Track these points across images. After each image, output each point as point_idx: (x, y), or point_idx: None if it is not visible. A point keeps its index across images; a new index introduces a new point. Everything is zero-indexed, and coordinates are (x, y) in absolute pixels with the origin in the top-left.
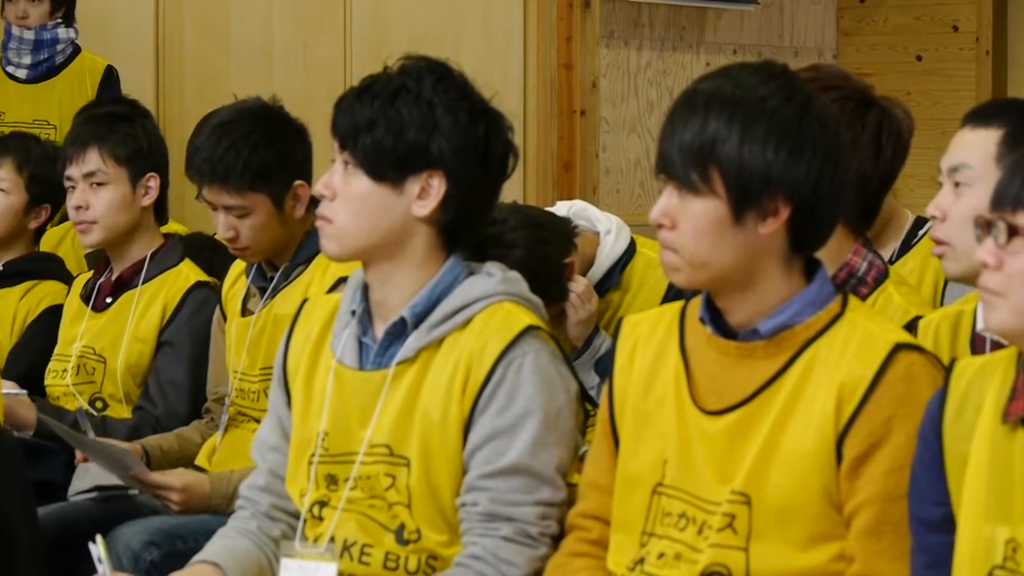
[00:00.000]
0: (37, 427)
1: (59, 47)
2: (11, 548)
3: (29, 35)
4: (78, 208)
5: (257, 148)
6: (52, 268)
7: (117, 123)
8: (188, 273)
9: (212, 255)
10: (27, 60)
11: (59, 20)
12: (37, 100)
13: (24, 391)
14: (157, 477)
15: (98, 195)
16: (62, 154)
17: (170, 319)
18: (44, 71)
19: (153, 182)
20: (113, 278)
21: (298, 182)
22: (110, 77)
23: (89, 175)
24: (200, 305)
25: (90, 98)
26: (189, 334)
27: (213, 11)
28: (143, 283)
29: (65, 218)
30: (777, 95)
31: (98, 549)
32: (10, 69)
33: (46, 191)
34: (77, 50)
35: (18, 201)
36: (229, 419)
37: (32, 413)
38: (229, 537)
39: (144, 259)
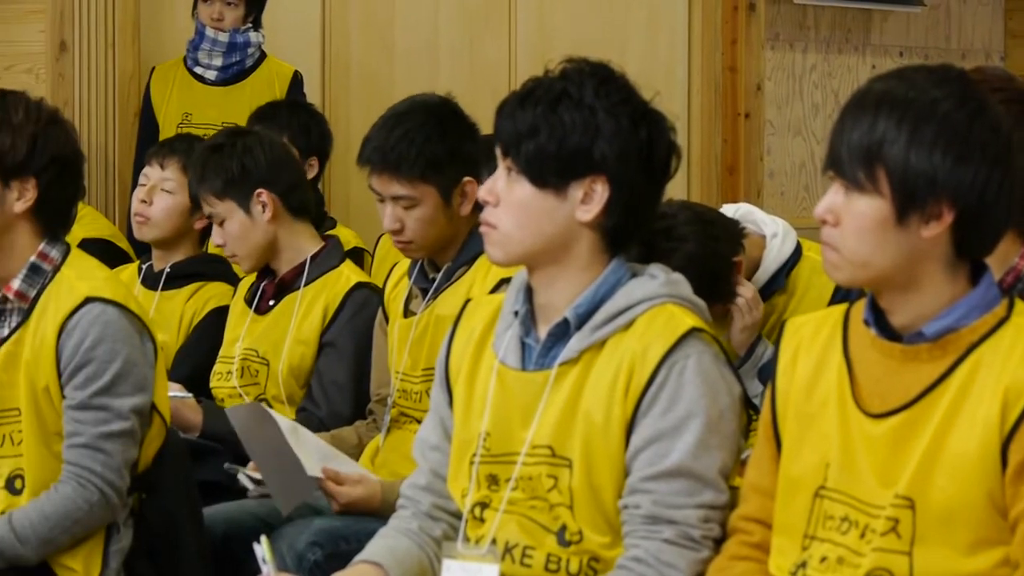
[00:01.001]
0: (203, 429)
1: (249, 51)
2: (177, 548)
3: (223, 37)
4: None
5: (430, 139)
6: (218, 270)
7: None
8: (349, 274)
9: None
10: (218, 62)
11: (250, 24)
12: (225, 103)
13: (190, 394)
14: (340, 474)
15: (224, 227)
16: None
17: (331, 320)
18: (234, 74)
19: (265, 197)
20: (275, 281)
21: (467, 178)
22: (296, 82)
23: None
24: (361, 306)
25: None
26: (351, 335)
27: (379, 16)
28: (304, 285)
29: None
30: (949, 99)
31: (262, 549)
32: (198, 70)
33: None
34: (263, 55)
35: (183, 202)
36: (391, 420)
37: (198, 416)
38: (390, 537)
39: (305, 262)
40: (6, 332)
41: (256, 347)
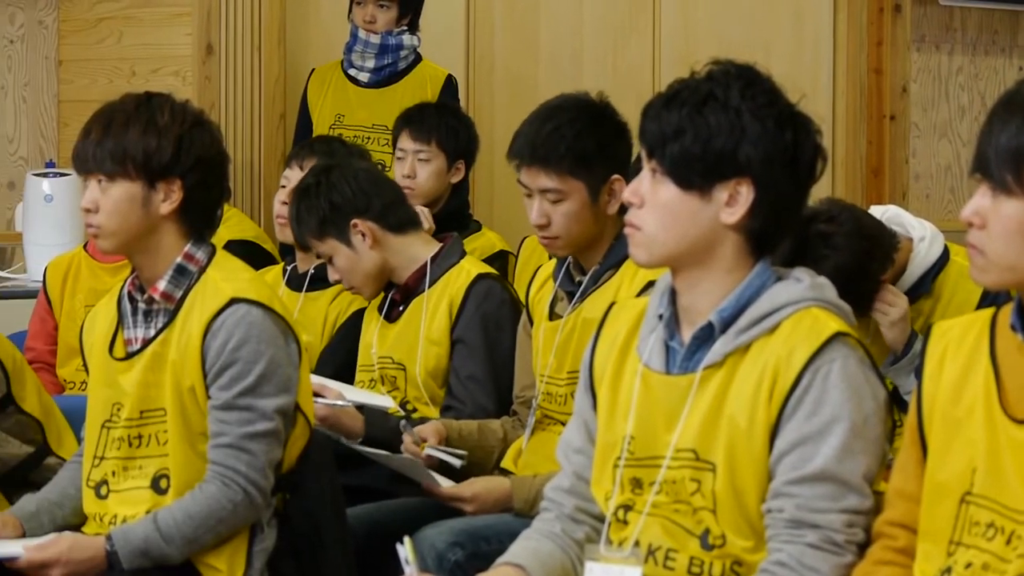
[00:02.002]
0: (365, 434)
1: (403, 53)
2: (320, 549)
3: (375, 39)
4: None
5: (581, 135)
6: None
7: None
8: (469, 268)
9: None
10: (370, 64)
11: (404, 27)
12: (377, 105)
13: (350, 402)
14: (447, 490)
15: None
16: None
17: (457, 316)
18: (386, 76)
19: (361, 226)
20: (401, 287)
21: (615, 176)
22: (450, 86)
23: None
24: (484, 297)
25: None
26: (479, 327)
27: (523, 18)
28: (429, 287)
29: None
30: None
31: (405, 550)
32: (352, 72)
33: None
34: (419, 58)
35: None
36: (535, 422)
37: (358, 423)
38: (533, 539)
39: (425, 265)
40: (152, 333)
41: (391, 354)
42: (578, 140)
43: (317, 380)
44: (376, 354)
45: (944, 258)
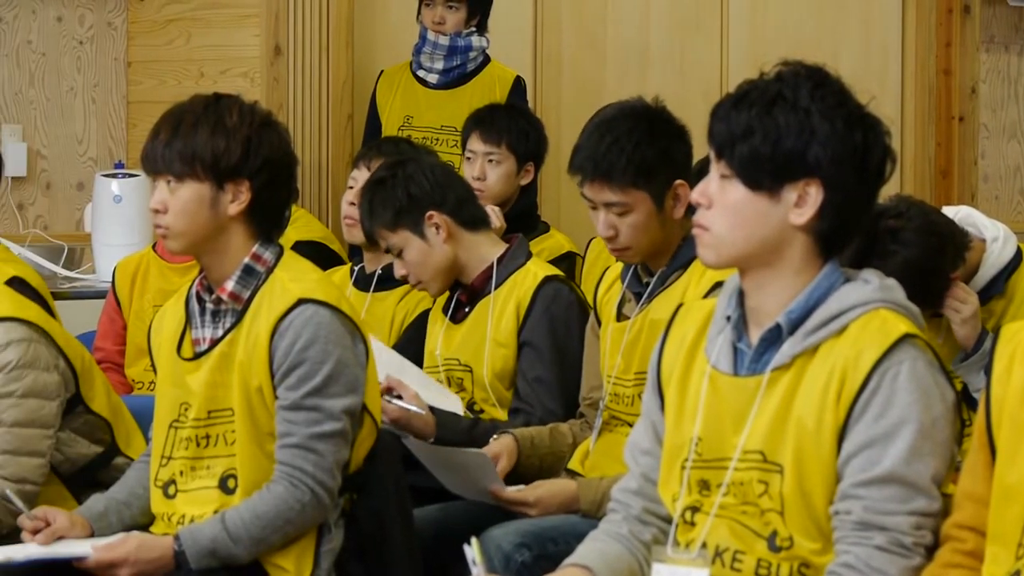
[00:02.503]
0: (437, 436)
1: (471, 55)
2: (387, 549)
3: (444, 41)
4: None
5: (640, 145)
6: None
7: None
8: (536, 271)
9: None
10: (439, 65)
11: (473, 28)
12: (446, 106)
13: (423, 409)
14: (512, 494)
15: (404, 257)
16: None
17: (525, 319)
18: (455, 78)
19: (436, 218)
20: (467, 288)
21: (679, 181)
22: (518, 88)
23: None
24: (552, 299)
25: None
26: (546, 330)
27: (590, 16)
28: (495, 288)
29: None
30: None
31: (472, 551)
32: (421, 73)
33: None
34: (487, 59)
35: None
36: (603, 423)
37: (430, 425)
38: (600, 540)
39: (492, 266)
40: (220, 333)
41: (457, 356)
42: (638, 151)
43: (395, 378)
44: (441, 356)
45: (1017, 259)
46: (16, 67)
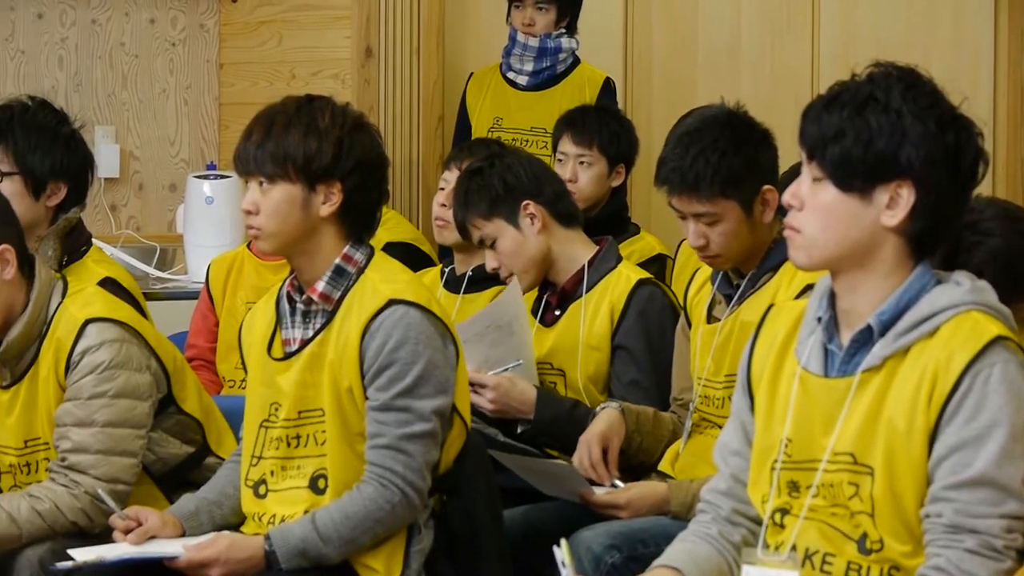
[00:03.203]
0: (536, 414)
1: (561, 56)
2: (477, 550)
3: (533, 42)
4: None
5: (725, 155)
6: None
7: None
8: (628, 274)
9: None
10: (528, 67)
11: (563, 29)
12: (536, 108)
13: (519, 361)
14: (602, 496)
15: (497, 247)
16: None
17: (619, 322)
18: (545, 79)
19: (532, 208)
20: (558, 291)
21: (766, 187)
22: (608, 89)
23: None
24: (646, 303)
25: None
26: (641, 334)
27: (681, 17)
28: (586, 291)
29: None
30: None
31: (562, 552)
32: (510, 75)
33: None
34: (577, 60)
35: None
36: (693, 425)
37: (528, 401)
38: (689, 541)
39: (583, 268)
40: (311, 333)
41: (549, 359)
42: (724, 161)
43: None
44: (537, 362)
45: None
46: (109, 69)
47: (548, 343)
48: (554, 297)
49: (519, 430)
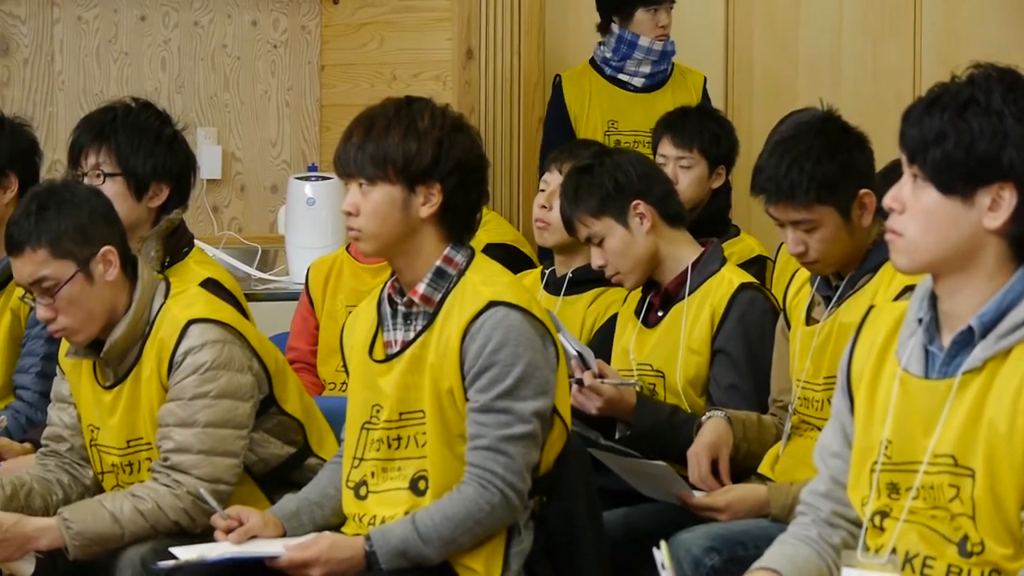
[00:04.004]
0: (634, 420)
1: (672, 58)
2: (576, 552)
3: (658, 46)
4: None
5: (820, 161)
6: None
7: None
8: (731, 277)
9: None
10: (646, 70)
11: None
12: (651, 109)
13: (634, 382)
14: (701, 499)
15: (604, 246)
16: None
17: (719, 326)
18: (658, 81)
19: (642, 208)
20: (661, 292)
21: (863, 191)
22: (706, 89)
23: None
24: (747, 307)
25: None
26: (741, 338)
27: (782, 21)
28: (689, 294)
29: None
30: None
31: (661, 555)
32: (623, 78)
33: None
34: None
35: None
36: (792, 427)
37: (630, 405)
38: (789, 544)
39: (687, 270)
40: (412, 335)
41: (650, 361)
42: (819, 168)
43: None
44: (635, 360)
45: None
46: (211, 71)
47: (649, 344)
48: (657, 298)
49: (617, 436)
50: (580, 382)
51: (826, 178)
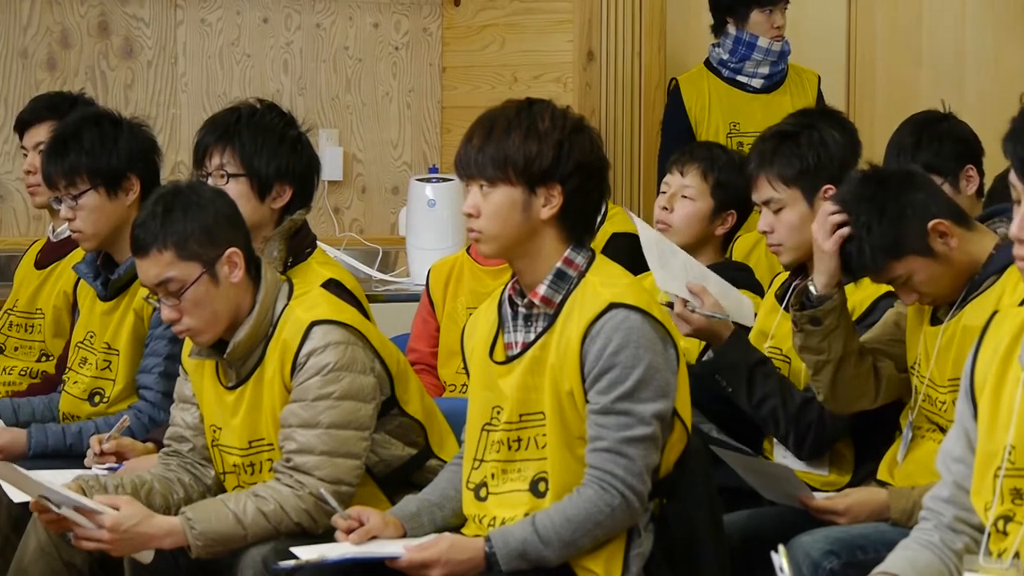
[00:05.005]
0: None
1: (788, 58)
2: (696, 555)
3: (776, 47)
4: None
5: (872, 230)
6: (742, 277)
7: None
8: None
9: None
10: (765, 71)
11: None
12: (771, 109)
13: (725, 316)
14: (821, 502)
15: (781, 216)
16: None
17: (857, 323)
18: (776, 81)
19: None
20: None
21: (932, 223)
22: (819, 86)
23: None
24: (887, 307)
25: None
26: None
27: (904, 20)
28: None
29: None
30: None
31: (780, 558)
32: (742, 79)
33: (731, 197)
34: None
35: (704, 207)
36: (915, 427)
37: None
38: (911, 549)
39: None
40: (532, 337)
41: (779, 345)
42: (876, 239)
43: (697, 284)
44: (768, 346)
45: None
46: (333, 72)
47: (784, 328)
48: (801, 284)
49: (703, 359)
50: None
51: (886, 241)
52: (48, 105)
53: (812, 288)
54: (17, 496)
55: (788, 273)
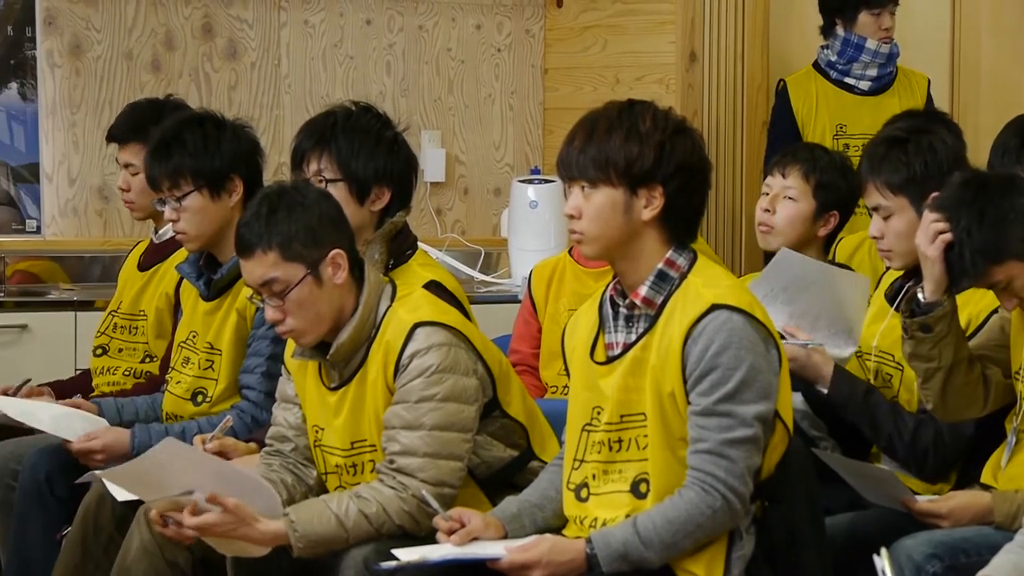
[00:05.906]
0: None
1: (897, 60)
2: (798, 558)
3: (885, 48)
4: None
5: (971, 234)
6: None
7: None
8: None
9: None
10: (873, 72)
11: None
12: (879, 112)
13: (819, 343)
14: (924, 505)
15: (888, 225)
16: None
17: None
18: (885, 83)
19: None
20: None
21: None
22: (929, 90)
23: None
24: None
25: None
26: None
27: (1010, 21)
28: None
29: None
30: None
31: (882, 561)
32: (849, 81)
33: (833, 198)
34: None
35: (807, 208)
36: (1018, 432)
37: (828, 366)
38: (1015, 553)
39: None
40: (633, 338)
41: (892, 351)
42: (978, 242)
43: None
44: (877, 347)
45: None
46: (436, 74)
47: (895, 334)
48: (915, 288)
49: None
50: None
51: (986, 245)
52: (135, 127)
53: (921, 295)
54: (122, 495)
55: (897, 273)
